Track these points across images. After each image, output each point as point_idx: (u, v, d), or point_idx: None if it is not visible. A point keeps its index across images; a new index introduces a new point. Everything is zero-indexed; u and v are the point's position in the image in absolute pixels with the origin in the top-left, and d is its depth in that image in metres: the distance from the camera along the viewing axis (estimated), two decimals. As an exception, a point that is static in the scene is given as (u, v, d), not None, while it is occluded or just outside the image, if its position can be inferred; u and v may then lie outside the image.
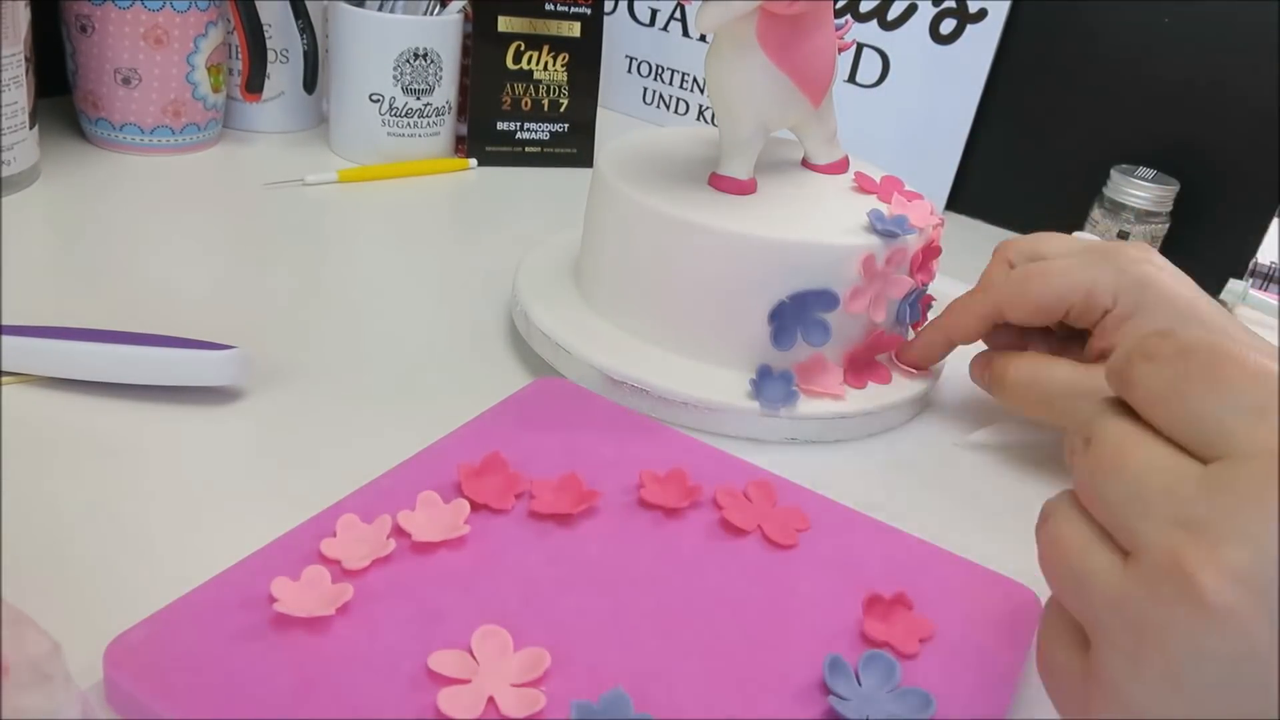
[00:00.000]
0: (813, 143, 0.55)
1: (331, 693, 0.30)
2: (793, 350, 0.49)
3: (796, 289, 0.48)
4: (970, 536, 0.43)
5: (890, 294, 0.50)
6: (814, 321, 0.48)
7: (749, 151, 0.51)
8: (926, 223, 0.51)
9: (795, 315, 0.48)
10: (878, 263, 0.48)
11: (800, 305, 0.48)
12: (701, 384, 0.48)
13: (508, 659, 0.32)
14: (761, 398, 0.48)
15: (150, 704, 0.29)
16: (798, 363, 0.49)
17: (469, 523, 0.37)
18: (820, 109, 0.53)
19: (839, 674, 0.33)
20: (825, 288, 0.48)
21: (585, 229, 0.55)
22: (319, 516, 0.37)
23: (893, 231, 0.48)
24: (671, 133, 0.60)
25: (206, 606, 0.32)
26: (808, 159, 0.56)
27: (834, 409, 0.49)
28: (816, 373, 0.49)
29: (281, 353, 0.50)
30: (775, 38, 0.48)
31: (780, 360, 0.49)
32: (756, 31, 0.48)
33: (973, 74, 0.81)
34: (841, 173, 0.56)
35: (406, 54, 0.73)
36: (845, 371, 0.51)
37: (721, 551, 0.38)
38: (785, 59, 0.49)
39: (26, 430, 0.42)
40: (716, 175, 0.52)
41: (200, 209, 0.67)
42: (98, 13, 0.67)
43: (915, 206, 0.52)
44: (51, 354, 0.44)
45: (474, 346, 0.54)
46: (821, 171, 0.56)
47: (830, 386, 0.49)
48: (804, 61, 0.50)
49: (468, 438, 0.43)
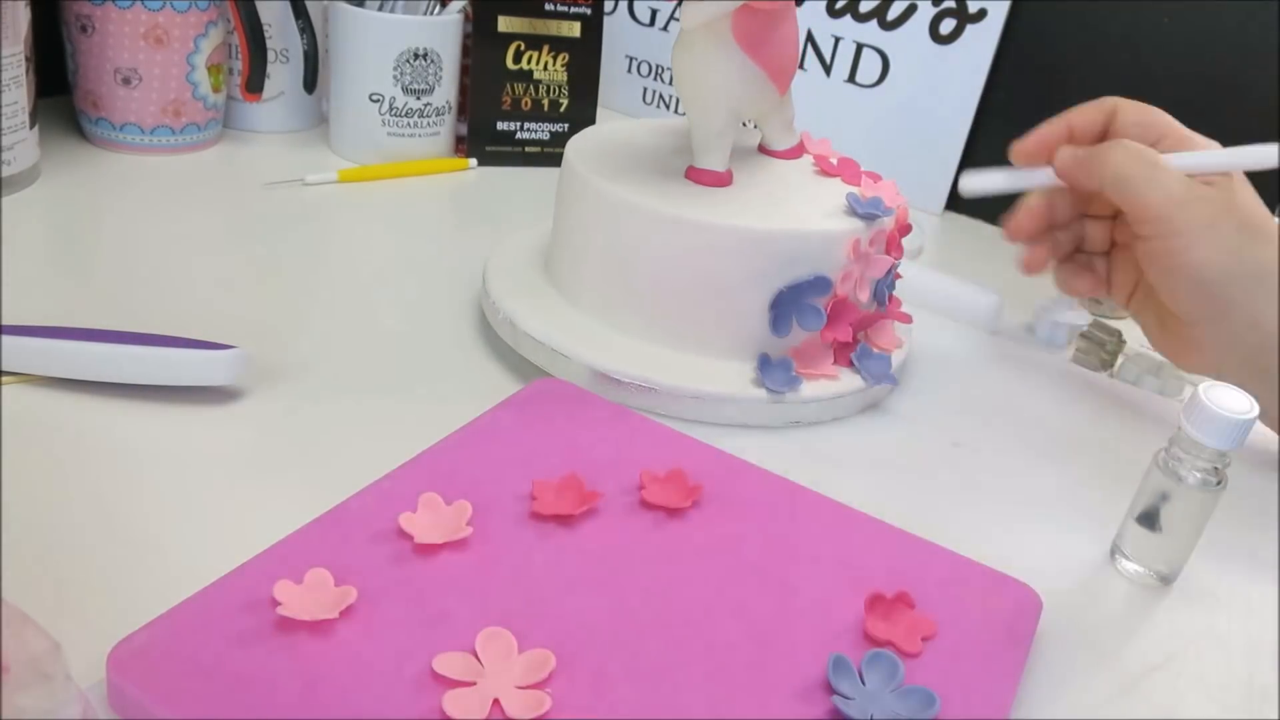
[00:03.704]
0: (773, 129, 0.56)
1: (336, 696, 0.30)
2: (788, 336, 0.50)
3: (793, 277, 0.49)
4: (971, 535, 0.43)
5: (872, 273, 0.51)
6: (808, 307, 0.49)
7: (724, 143, 0.52)
8: (896, 202, 0.52)
9: (792, 302, 0.49)
10: (863, 245, 0.50)
11: (797, 292, 0.49)
12: (705, 377, 0.49)
13: (512, 661, 0.32)
14: (768, 384, 0.49)
15: (154, 708, 0.29)
16: (793, 348, 0.50)
17: (471, 524, 0.37)
18: (784, 97, 0.53)
19: (842, 673, 0.33)
20: (820, 274, 0.49)
21: (559, 227, 0.55)
22: (322, 518, 0.37)
23: (872, 213, 0.50)
24: (635, 125, 0.60)
25: (209, 610, 0.32)
26: (765, 145, 0.56)
27: (832, 389, 0.50)
28: (812, 356, 0.51)
29: (281, 353, 0.50)
30: (749, 31, 0.48)
31: (776, 347, 0.50)
32: (732, 25, 0.48)
33: (973, 74, 0.81)
34: (799, 157, 0.57)
35: (406, 54, 0.73)
36: (835, 352, 0.52)
37: (724, 552, 0.38)
38: (758, 51, 0.49)
39: (26, 430, 0.42)
40: (694, 169, 0.52)
41: (200, 209, 0.67)
42: (98, 12, 0.67)
43: (883, 187, 0.53)
44: (51, 354, 0.44)
45: (475, 346, 0.54)
46: (779, 156, 0.56)
47: (825, 368, 0.51)
48: (774, 52, 0.50)
49: (469, 438, 0.43)
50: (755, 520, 0.40)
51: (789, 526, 0.40)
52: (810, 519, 0.41)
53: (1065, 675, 0.38)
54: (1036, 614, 0.38)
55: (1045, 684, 0.37)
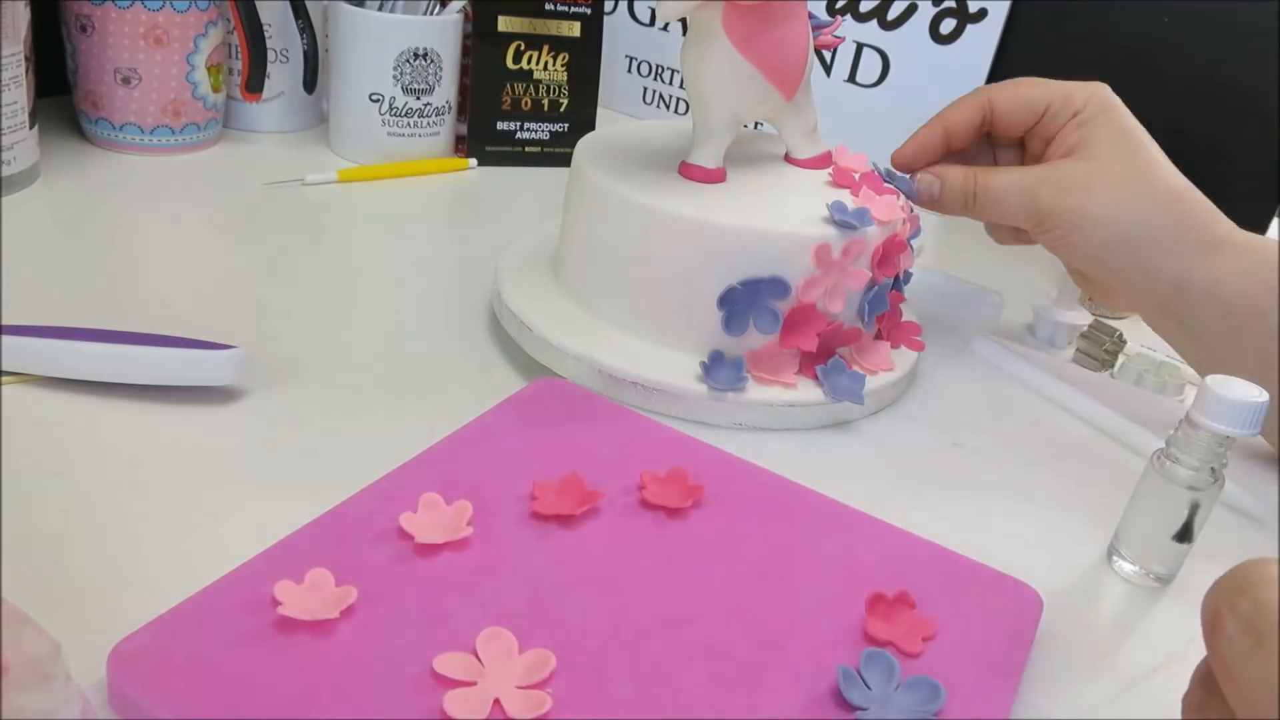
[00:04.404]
0: (791, 136, 0.55)
1: (336, 696, 0.30)
2: (747, 337, 0.49)
3: (748, 276, 0.48)
4: (971, 535, 0.43)
5: (848, 286, 0.50)
6: (764, 309, 0.49)
7: (719, 141, 0.51)
8: (892, 217, 0.50)
9: (748, 302, 0.48)
10: (833, 253, 0.48)
11: (753, 292, 0.48)
12: (651, 365, 0.49)
13: (513, 661, 0.32)
14: (710, 380, 0.48)
15: (154, 708, 0.29)
16: (751, 350, 0.50)
17: (471, 524, 0.37)
18: (795, 102, 0.53)
19: (852, 684, 0.33)
20: (776, 275, 0.48)
21: (563, 217, 0.56)
22: (322, 518, 0.37)
23: (850, 223, 0.48)
24: (650, 125, 0.60)
25: (210, 610, 0.32)
26: (789, 153, 0.56)
27: (783, 397, 0.49)
28: (769, 360, 0.50)
29: (281, 353, 0.50)
30: (742, 29, 0.48)
31: (734, 347, 0.50)
32: (723, 22, 0.48)
33: (973, 74, 0.81)
34: (824, 167, 0.56)
35: (406, 54, 0.73)
36: (801, 361, 0.51)
37: (725, 552, 0.38)
38: (752, 50, 0.49)
39: (26, 430, 0.42)
40: (686, 164, 0.52)
41: (200, 209, 0.67)
42: (98, 12, 0.67)
43: (883, 200, 0.51)
44: (51, 354, 0.44)
45: (475, 345, 0.54)
46: (802, 166, 0.56)
47: (782, 375, 0.50)
48: (771, 53, 0.50)
49: (469, 438, 0.43)
50: (756, 520, 0.40)
51: (790, 527, 0.40)
52: (811, 519, 0.41)
53: (1065, 675, 0.38)
54: (1037, 614, 0.38)
55: (1045, 684, 0.37)
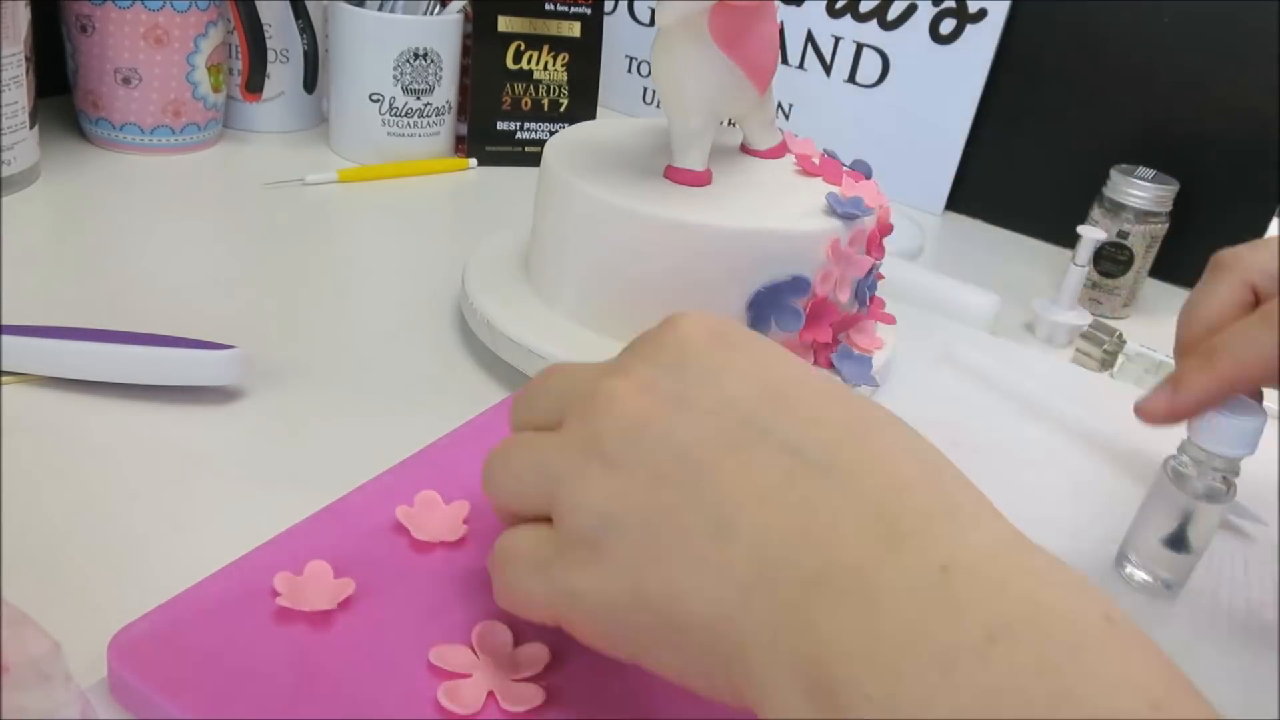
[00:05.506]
0: (753, 129, 0.55)
1: (333, 686, 0.30)
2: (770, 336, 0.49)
3: (771, 277, 0.48)
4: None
5: (853, 274, 0.51)
6: (787, 308, 0.49)
7: (702, 142, 0.51)
8: (878, 202, 0.51)
9: (771, 302, 0.49)
10: (843, 245, 0.49)
11: (775, 293, 0.48)
12: None
13: (508, 654, 0.32)
14: None
15: (154, 697, 0.29)
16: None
17: (467, 522, 0.37)
18: (764, 96, 0.53)
19: None
20: (798, 274, 0.48)
21: (539, 228, 0.54)
22: (322, 513, 0.37)
23: (852, 213, 0.49)
24: (616, 124, 0.60)
25: (210, 600, 0.32)
26: (747, 144, 0.56)
27: None
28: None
29: (281, 353, 0.50)
30: (727, 29, 0.48)
31: None
32: (709, 24, 0.48)
33: (973, 74, 0.81)
34: (781, 156, 0.56)
35: (406, 54, 0.73)
36: (816, 353, 0.51)
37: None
38: (736, 50, 0.49)
39: (26, 430, 0.42)
40: (673, 168, 0.52)
41: (200, 209, 0.67)
42: (98, 12, 0.67)
43: (865, 187, 0.52)
44: (51, 354, 0.44)
45: (475, 345, 0.54)
46: (761, 156, 0.56)
47: None
48: (753, 51, 0.50)
49: (468, 437, 0.43)
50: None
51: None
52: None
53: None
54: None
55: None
